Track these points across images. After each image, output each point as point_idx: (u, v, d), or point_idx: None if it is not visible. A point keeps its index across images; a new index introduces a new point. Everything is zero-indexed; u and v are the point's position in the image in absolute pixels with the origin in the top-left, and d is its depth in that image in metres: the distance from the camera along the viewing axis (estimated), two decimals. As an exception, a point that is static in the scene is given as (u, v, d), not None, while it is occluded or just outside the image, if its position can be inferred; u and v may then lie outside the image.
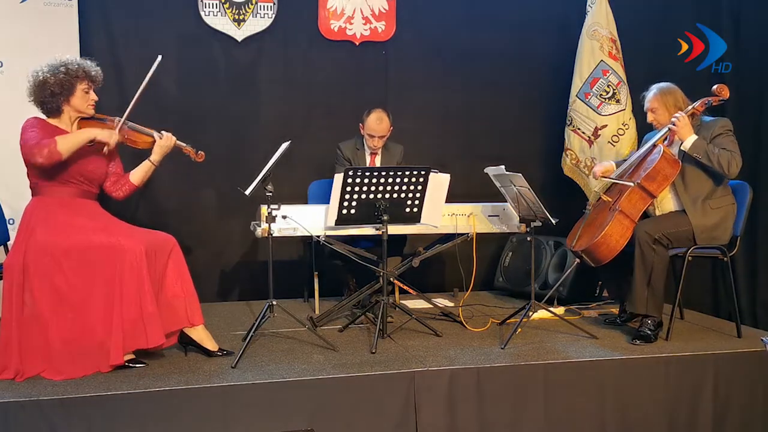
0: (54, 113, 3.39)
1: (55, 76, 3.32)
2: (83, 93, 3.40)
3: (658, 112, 3.93)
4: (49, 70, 3.34)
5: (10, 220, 4.13)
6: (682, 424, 3.51)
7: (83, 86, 3.39)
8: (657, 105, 3.93)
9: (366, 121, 4.43)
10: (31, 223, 3.28)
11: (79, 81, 3.38)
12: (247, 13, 4.87)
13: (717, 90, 3.86)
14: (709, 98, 3.85)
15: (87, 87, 3.42)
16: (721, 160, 3.67)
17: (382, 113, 4.43)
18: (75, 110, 3.41)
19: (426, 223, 3.95)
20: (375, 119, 4.41)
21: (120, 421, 2.92)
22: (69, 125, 3.43)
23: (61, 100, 3.36)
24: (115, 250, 3.19)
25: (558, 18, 5.35)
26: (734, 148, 3.73)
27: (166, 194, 4.85)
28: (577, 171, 5.16)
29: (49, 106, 3.37)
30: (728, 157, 3.67)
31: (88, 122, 3.47)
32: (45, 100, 3.35)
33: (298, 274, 4.87)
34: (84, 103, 3.42)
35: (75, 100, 3.39)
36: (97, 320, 3.17)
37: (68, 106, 3.39)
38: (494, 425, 3.31)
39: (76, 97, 3.39)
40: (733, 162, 3.67)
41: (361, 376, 3.21)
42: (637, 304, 3.73)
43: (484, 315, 4.39)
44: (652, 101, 3.96)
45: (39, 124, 3.34)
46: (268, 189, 3.58)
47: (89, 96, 3.43)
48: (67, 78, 3.34)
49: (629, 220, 3.74)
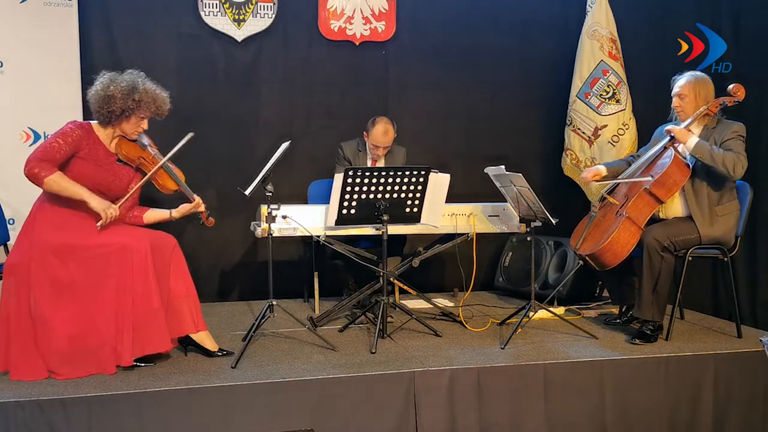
0: (102, 123, 3.37)
1: (124, 98, 3.28)
2: (138, 119, 3.37)
3: (686, 99, 3.78)
4: (121, 88, 3.29)
5: (10, 220, 4.12)
6: (682, 424, 3.51)
7: (142, 114, 3.37)
8: (687, 92, 3.78)
9: (371, 131, 4.40)
10: (36, 223, 3.28)
11: (142, 111, 3.35)
12: (247, 13, 4.87)
13: (732, 90, 3.76)
14: (725, 98, 3.76)
15: (144, 115, 3.38)
16: (726, 162, 3.61)
17: (388, 125, 4.38)
18: (121, 131, 3.39)
19: (426, 223, 3.95)
20: (381, 131, 4.35)
21: (120, 421, 2.92)
22: (110, 140, 3.40)
23: (114, 120, 3.34)
24: (124, 250, 3.21)
25: (558, 18, 5.35)
26: (740, 150, 3.67)
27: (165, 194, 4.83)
28: (577, 171, 5.16)
29: (102, 118, 3.34)
30: (734, 158, 3.61)
31: (126, 143, 3.42)
32: (101, 112, 3.32)
33: (298, 274, 4.87)
34: (133, 129, 3.40)
35: (126, 125, 3.37)
36: (102, 319, 3.18)
37: (118, 126, 3.37)
38: (494, 425, 3.31)
39: (130, 123, 3.36)
40: (738, 164, 3.62)
41: (361, 376, 3.21)
42: (644, 310, 3.71)
43: (484, 315, 4.39)
44: (683, 87, 3.80)
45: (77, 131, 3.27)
46: (268, 189, 3.58)
47: (141, 123, 3.40)
48: (134, 105, 3.31)
49: (636, 226, 3.70)
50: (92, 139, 3.34)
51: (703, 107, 3.75)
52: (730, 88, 3.77)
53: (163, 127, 3.71)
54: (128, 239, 3.25)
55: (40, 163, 3.19)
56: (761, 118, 4.47)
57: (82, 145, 3.28)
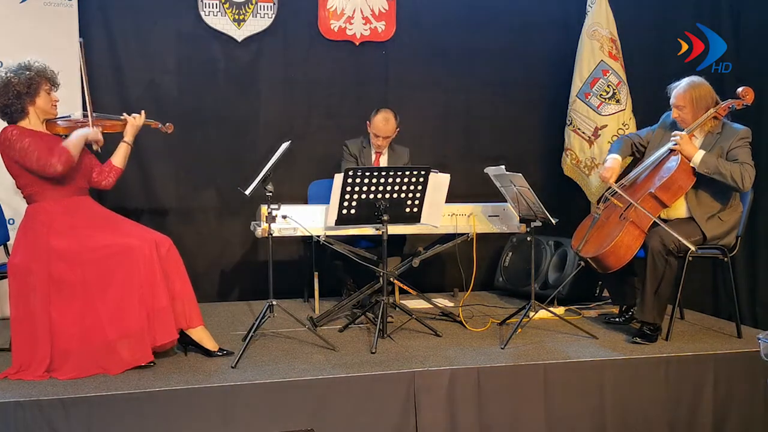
0: (18, 115, 3.36)
1: (19, 76, 3.30)
2: (46, 93, 3.39)
3: (684, 110, 3.71)
4: (10, 71, 3.33)
5: (10, 220, 4.12)
6: (682, 424, 3.51)
7: (46, 86, 3.39)
8: (684, 103, 3.70)
9: (373, 120, 4.43)
10: (36, 225, 3.28)
11: (43, 81, 3.37)
12: (247, 13, 4.87)
13: (742, 93, 3.67)
14: (733, 102, 3.67)
15: (49, 87, 3.41)
16: (734, 175, 3.57)
17: (389, 114, 4.41)
18: (41, 111, 3.40)
19: (426, 223, 3.95)
20: (381, 119, 4.40)
21: (120, 421, 2.92)
22: (39, 125, 3.41)
23: (27, 101, 3.34)
24: (129, 249, 3.23)
25: (558, 18, 5.34)
26: (747, 158, 3.62)
27: (166, 194, 4.85)
28: (577, 171, 5.16)
29: (14, 108, 3.33)
30: (740, 171, 3.57)
31: (54, 123, 3.47)
32: (9, 102, 3.31)
33: (298, 274, 4.87)
34: (48, 103, 3.41)
35: (40, 101, 3.37)
36: (108, 318, 3.19)
37: (33, 107, 3.37)
38: (494, 425, 3.31)
39: (41, 98, 3.37)
40: (746, 175, 3.57)
41: (361, 376, 3.21)
42: (646, 313, 3.70)
43: (484, 315, 4.39)
44: (679, 98, 3.72)
45: (24, 131, 3.30)
46: (268, 189, 3.58)
47: (51, 96, 3.43)
48: (32, 76, 3.32)
49: (639, 230, 3.68)
50: (30, 132, 3.33)
51: (712, 110, 3.68)
52: (740, 91, 3.69)
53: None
54: (133, 239, 3.27)
55: (51, 157, 3.22)
56: (761, 118, 4.47)
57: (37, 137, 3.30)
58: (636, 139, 4.06)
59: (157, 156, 4.70)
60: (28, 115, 3.37)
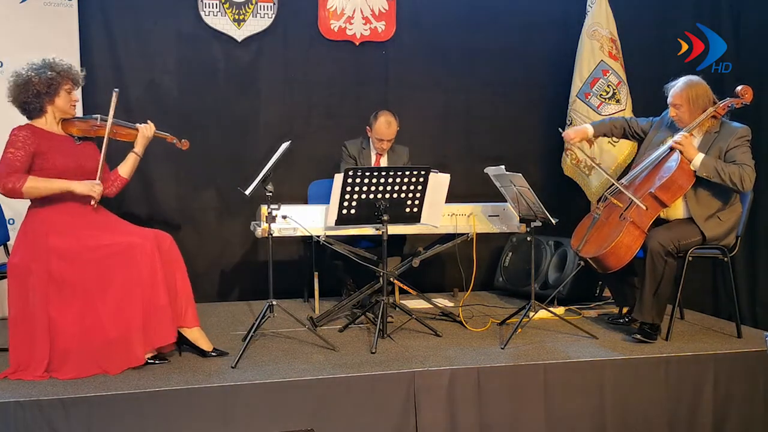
0: (36, 114, 3.38)
1: (40, 75, 3.31)
2: (66, 93, 3.40)
3: (681, 109, 3.71)
4: (32, 69, 3.33)
5: (10, 220, 4.12)
6: (682, 424, 3.51)
7: (67, 86, 3.39)
8: (681, 102, 3.70)
9: (374, 124, 4.42)
10: (36, 226, 3.28)
11: (64, 81, 3.38)
12: (247, 13, 4.87)
13: (741, 92, 3.67)
14: (732, 101, 3.66)
15: (70, 87, 3.41)
16: (733, 177, 3.56)
17: (391, 117, 4.41)
18: (59, 110, 3.41)
19: (426, 223, 3.95)
20: (384, 123, 4.38)
21: (120, 421, 2.92)
22: (55, 126, 3.42)
23: (45, 101, 3.35)
24: (130, 248, 3.23)
25: (558, 18, 5.34)
26: (746, 159, 3.61)
27: (166, 194, 4.85)
28: (577, 171, 5.16)
29: (32, 107, 3.35)
30: (739, 173, 3.56)
31: (72, 121, 3.47)
32: (28, 101, 3.33)
33: (298, 274, 4.87)
34: (67, 103, 3.42)
35: (59, 101, 3.38)
36: (108, 318, 3.19)
37: (52, 107, 3.38)
38: (494, 425, 3.31)
39: (60, 97, 3.38)
40: (745, 177, 3.57)
41: (361, 376, 3.21)
42: (644, 313, 3.70)
43: (484, 315, 4.39)
44: (675, 96, 3.72)
45: (25, 137, 3.28)
46: (268, 189, 3.58)
47: (71, 96, 3.43)
48: (54, 76, 3.33)
49: (639, 230, 3.68)
50: (40, 133, 3.34)
51: (711, 109, 3.68)
52: (739, 90, 3.69)
53: (164, 128, 3.71)
54: (134, 238, 3.27)
55: (8, 178, 3.21)
56: (760, 117, 4.47)
57: (36, 143, 3.28)
58: (633, 123, 4.08)
59: (157, 156, 4.69)
60: (45, 114, 3.38)
